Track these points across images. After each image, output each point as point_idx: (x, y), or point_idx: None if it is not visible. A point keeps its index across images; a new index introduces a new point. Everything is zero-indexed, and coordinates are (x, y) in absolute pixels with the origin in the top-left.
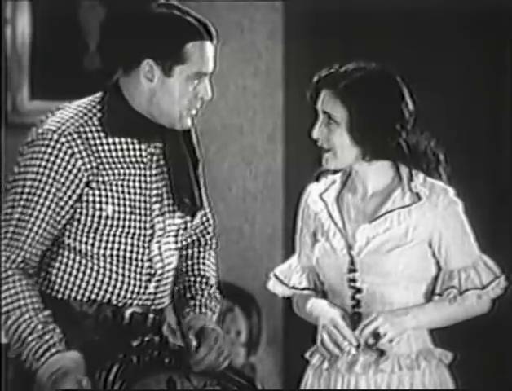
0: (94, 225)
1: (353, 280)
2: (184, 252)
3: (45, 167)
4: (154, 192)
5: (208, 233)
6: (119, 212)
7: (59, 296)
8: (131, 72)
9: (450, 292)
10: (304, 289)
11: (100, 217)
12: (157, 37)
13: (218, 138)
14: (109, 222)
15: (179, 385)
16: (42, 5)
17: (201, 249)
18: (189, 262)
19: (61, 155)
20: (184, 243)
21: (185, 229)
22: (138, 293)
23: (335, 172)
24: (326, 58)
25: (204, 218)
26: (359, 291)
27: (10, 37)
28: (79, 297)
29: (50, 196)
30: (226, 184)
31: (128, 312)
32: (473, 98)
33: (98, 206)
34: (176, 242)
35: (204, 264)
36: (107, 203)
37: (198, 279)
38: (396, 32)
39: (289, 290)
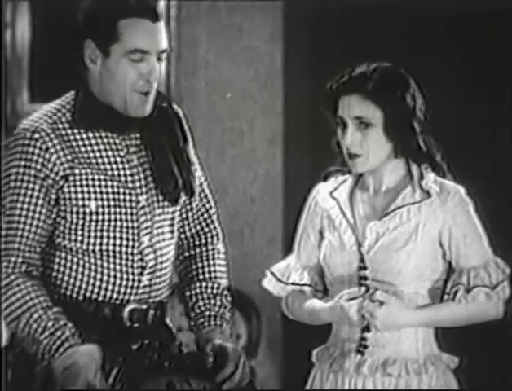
0: (80, 221)
1: (363, 278)
2: (193, 252)
3: (24, 166)
4: (137, 184)
5: (212, 222)
6: (103, 206)
7: (56, 296)
8: (86, 65)
9: (458, 289)
10: (305, 285)
11: (85, 213)
12: (93, 17)
13: (217, 141)
14: (94, 218)
15: (179, 388)
16: (42, 8)
17: (209, 247)
18: (199, 265)
19: (36, 151)
20: (189, 234)
21: (186, 224)
22: (132, 287)
23: (344, 172)
24: (326, 60)
25: (207, 205)
26: (367, 290)
27: (9, 40)
28: (75, 296)
29: (35, 193)
30: (225, 188)
31: (127, 309)
32: (473, 99)
33: (81, 203)
34: (172, 231)
35: (214, 265)
36: (89, 199)
37: (210, 285)
38: (396, 33)
39: (286, 287)
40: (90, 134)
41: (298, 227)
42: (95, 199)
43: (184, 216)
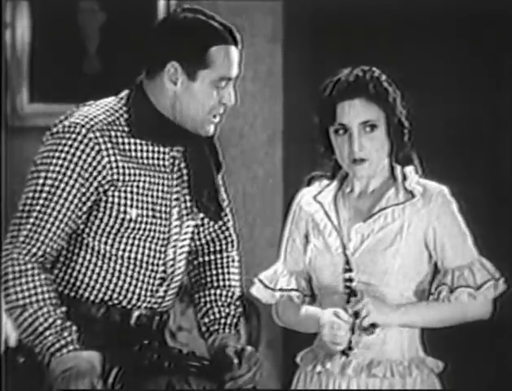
0: (117, 226)
1: (349, 280)
2: (207, 259)
3: (70, 161)
4: (174, 196)
5: (227, 229)
6: (142, 215)
7: (72, 294)
8: (156, 75)
9: (441, 290)
10: (292, 290)
11: (124, 219)
12: (183, 40)
13: (217, 141)
14: (132, 225)
15: (178, 389)
16: (42, 8)
17: (224, 254)
18: (213, 272)
19: (87, 150)
20: (204, 240)
21: (201, 231)
22: (148, 296)
23: (330, 177)
24: (326, 61)
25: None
26: (354, 292)
27: (9, 40)
28: (88, 296)
29: (74, 191)
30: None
31: (135, 315)
32: (473, 100)
33: (122, 209)
34: (189, 244)
35: (229, 273)
36: (131, 206)
37: (224, 293)
38: (395, 34)
39: (274, 293)
40: (142, 142)
41: (284, 233)
42: (137, 207)
43: (200, 223)
